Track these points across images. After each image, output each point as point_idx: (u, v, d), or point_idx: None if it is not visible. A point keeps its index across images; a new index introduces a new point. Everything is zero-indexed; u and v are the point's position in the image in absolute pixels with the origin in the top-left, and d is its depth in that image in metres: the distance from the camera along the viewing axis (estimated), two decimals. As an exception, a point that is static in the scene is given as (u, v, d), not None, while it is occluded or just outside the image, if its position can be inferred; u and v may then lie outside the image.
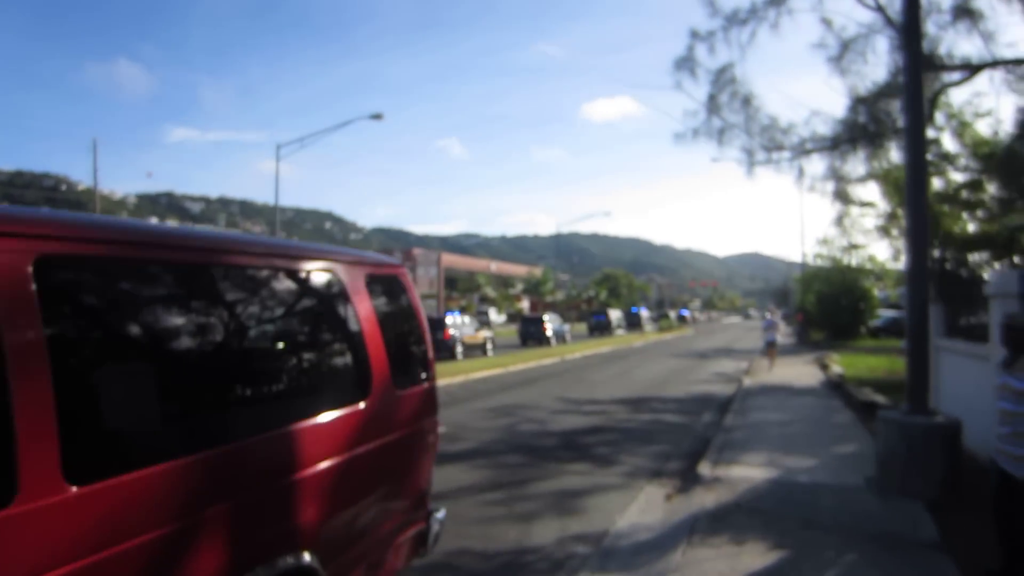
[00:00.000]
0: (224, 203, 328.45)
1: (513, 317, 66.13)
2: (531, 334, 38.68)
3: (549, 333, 38.33)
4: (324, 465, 3.27)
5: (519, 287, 74.96)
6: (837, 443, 9.82)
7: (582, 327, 60.30)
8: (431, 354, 4.64)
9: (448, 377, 19.63)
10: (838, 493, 7.18)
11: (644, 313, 66.42)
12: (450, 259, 57.78)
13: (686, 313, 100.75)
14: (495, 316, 63.84)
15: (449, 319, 29.44)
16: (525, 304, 77.16)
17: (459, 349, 28.61)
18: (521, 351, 32.37)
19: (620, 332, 56.61)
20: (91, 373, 2.34)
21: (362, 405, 3.63)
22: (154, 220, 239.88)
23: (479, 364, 23.52)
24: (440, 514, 4.58)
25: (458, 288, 64.65)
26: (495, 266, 68.26)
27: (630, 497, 7.49)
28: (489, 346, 31.64)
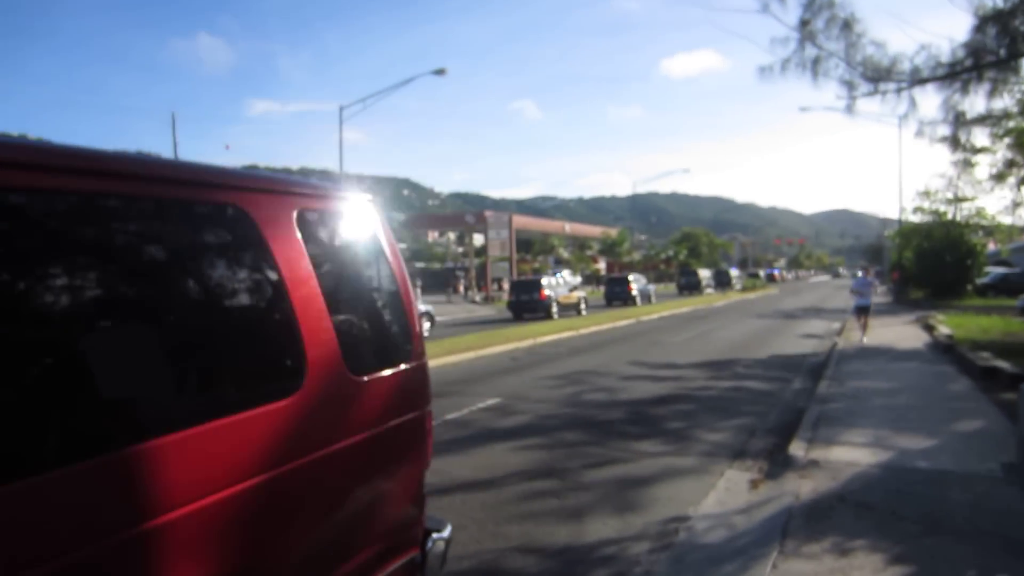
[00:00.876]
0: (305, 173, 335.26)
1: (589, 279, 64.72)
2: (616, 294, 39.05)
3: (634, 293, 38.50)
4: (217, 498, 2.16)
5: (595, 248, 73.30)
6: (958, 418, 8.30)
7: (664, 288, 58.48)
8: (416, 323, 3.45)
9: (515, 341, 18.68)
10: (969, 484, 5.79)
11: (735, 272, 66.14)
12: (523, 221, 56.57)
13: (776, 271, 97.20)
14: (570, 278, 62.60)
15: (544, 280, 30.58)
16: (601, 265, 75.50)
17: (555, 309, 29.13)
18: (597, 312, 31.19)
19: (709, 291, 55.50)
20: None
21: (287, 401, 2.48)
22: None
23: (546, 327, 22.45)
24: (444, 531, 3.48)
25: (532, 251, 63.60)
26: (570, 227, 66.60)
27: (707, 484, 6.32)
28: (583, 306, 31.79)
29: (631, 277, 40.59)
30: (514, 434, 8.23)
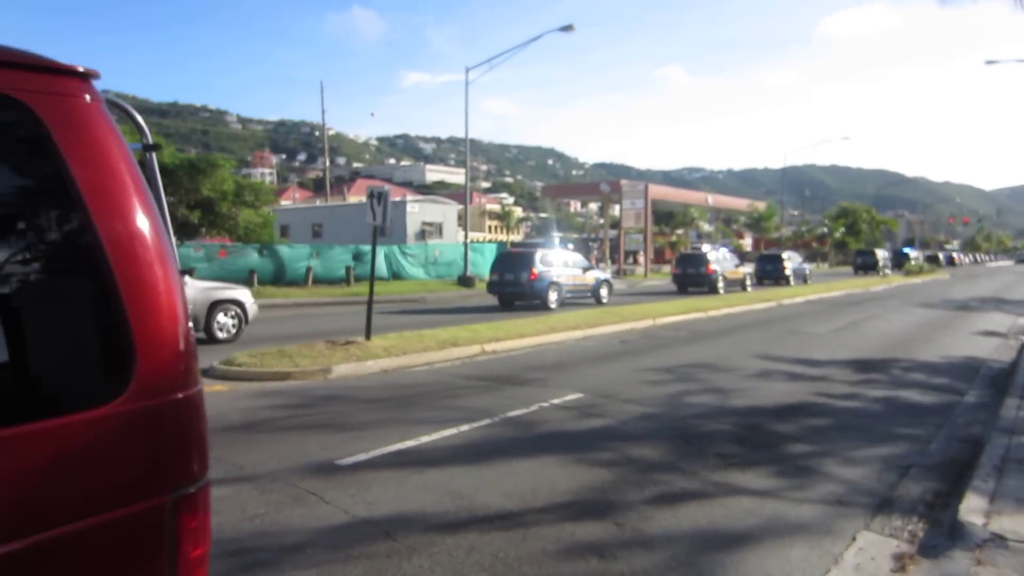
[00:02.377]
0: (453, 143, 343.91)
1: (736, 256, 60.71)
2: (768, 272, 36.58)
3: (788, 272, 35.91)
4: None
5: (741, 222, 68.75)
6: None
7: (816, 268, 53.76)
8: (170, 323, 1.82)
9: (631, 321, 16.78)
10: None
11: (913, 253, 62.18)
12: (661, 191, 53.51)
13: (955, 253, 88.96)
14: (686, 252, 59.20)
15: (711, 255, 29.73)
16: (747, 240, 70.84)
17: (721, 284, 28.73)
18: (736, 292, 28.43)
19: (887, 272, 51.51)
20: None
21: None
22: (391, 161, 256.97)
23: (670, 307, 20.25)
24: None
25: (671, 223, 60.43)
26: (713, 199, 62.49)
27: (828, 554, 4.36)
28: (748, 282, 31.12)
29: (785, 255, 37.95)
30: (580, 443, 6.51)
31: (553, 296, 22.05)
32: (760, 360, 11.82)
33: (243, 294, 14.69)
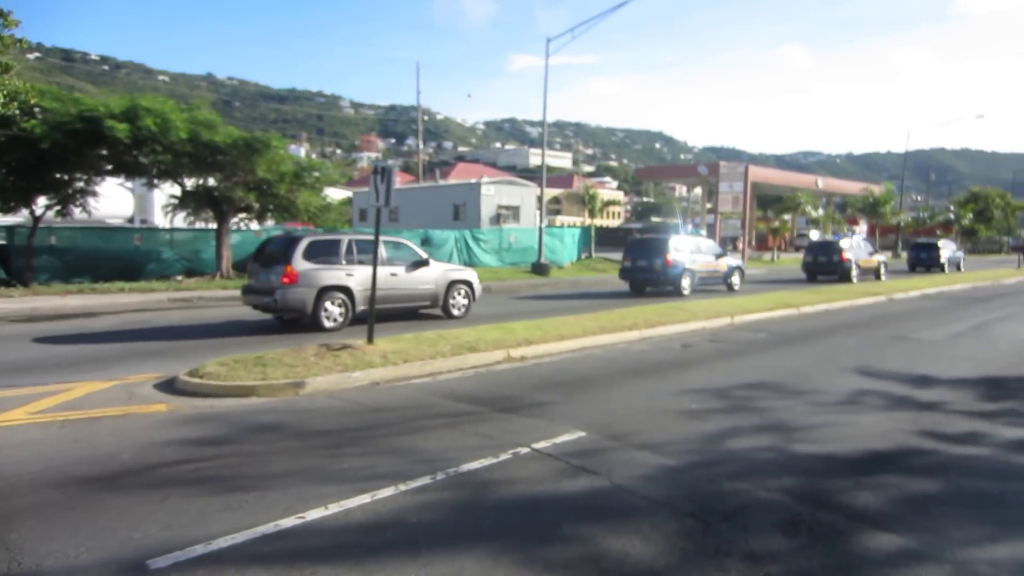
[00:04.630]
0: (560, 126, 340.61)
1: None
2: (922, 260, 36.49)
3: (943, 260, 35.91)
4: None
5: (857, 207, 62.99)
6: None
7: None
8: None
9: (702, 320, 14.32)
10: None
11: None
12: (763, 173, 49.28)
13: None
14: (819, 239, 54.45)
15: (844, 242, 29.00)
16: (861, 227, 65.14)
17: (855, 272, 28.02)
18: (869, 281, 25.04)
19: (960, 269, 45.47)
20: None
21: None
22: (497, 145, 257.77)
23: (755, 302, 17.39)
24: None
25: (775, 208, 55.83)
26: (823, 182, 57.31)
27: None
28: (883, 271, 30.17)
29: (940, 243, 37.91)
30: (539, 527, 4.35)
31: (686, 283, 21.80)
32: (849, 377, 9.22)
33: (472, 275, 16.33)
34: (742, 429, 6.62)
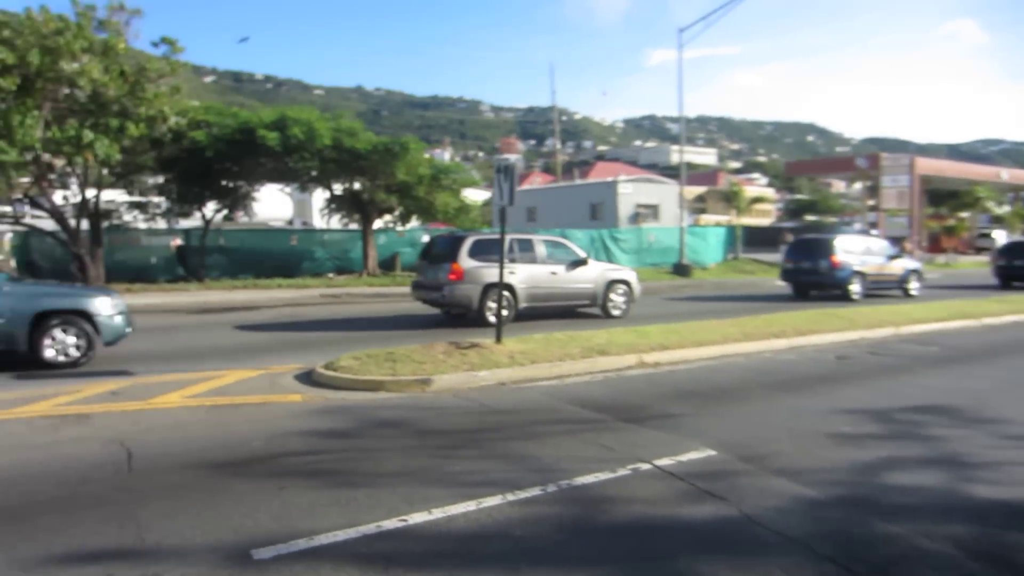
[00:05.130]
0: (702, 121, 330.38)
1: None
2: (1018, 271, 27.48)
3: None
4: None
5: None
6: None
7: None
8: None
9: (861, 329, 13.13)
10: None
11: None
12: (934, 165, 44.79)
13: None
14: (1006, 240, 49.00)
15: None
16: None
17: None
18: (1018, 295, 22.28)
19: None
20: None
21: None
22: (637, 143, 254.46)
23: (926, 311, 15.69)
24: None
25: (949, 204, 50.76)
26: (1008, 174, 51.33)
27: None
28: None
29: None
30: (651, 557, 3.93)
31: (856, 286, 20.36)
32: (1040, 403, 7.96)
33: (631, 275, 16.28)
34: (904, 460, 5.80)
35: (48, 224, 21.32)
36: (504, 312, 13.94)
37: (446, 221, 27.75)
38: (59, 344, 9.99)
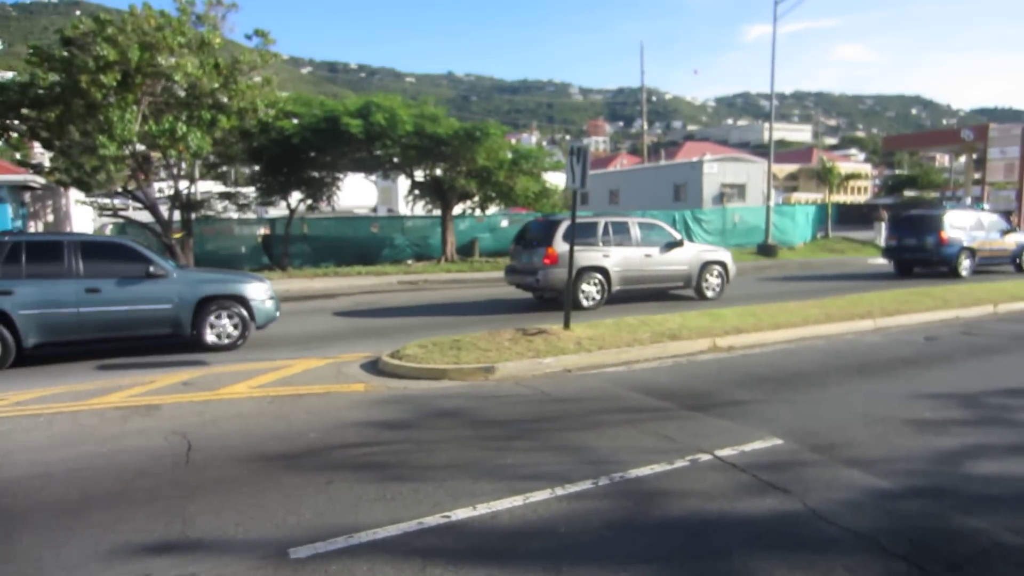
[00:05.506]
0: (799, 97, 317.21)
1: None
2: None
3: None
4: None
5: None
6: None
7: None
8: None
9: (955, 308, 12.30)
10: None
11: None
12: (1050, 133, 41.54)
13: None
14: None
15: None
16: None
17: None
18: None
19: None
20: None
21: None
22: (728, 122, 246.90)
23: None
24: None
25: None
26: None
27: None
28: None
29: None
30: (704, 555, 3.73)
31: (965, 263, 19.75)
32: None
33: (727, 256, 16.21)
34: (990, 448, 5.33)
35: (144, 216, 22.37)
36: (597, 294, 14.39)
37: (527, 206, 27.63)
38: (219, 328, 10.69)
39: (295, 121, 22.40)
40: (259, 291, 11.04)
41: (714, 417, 6.26)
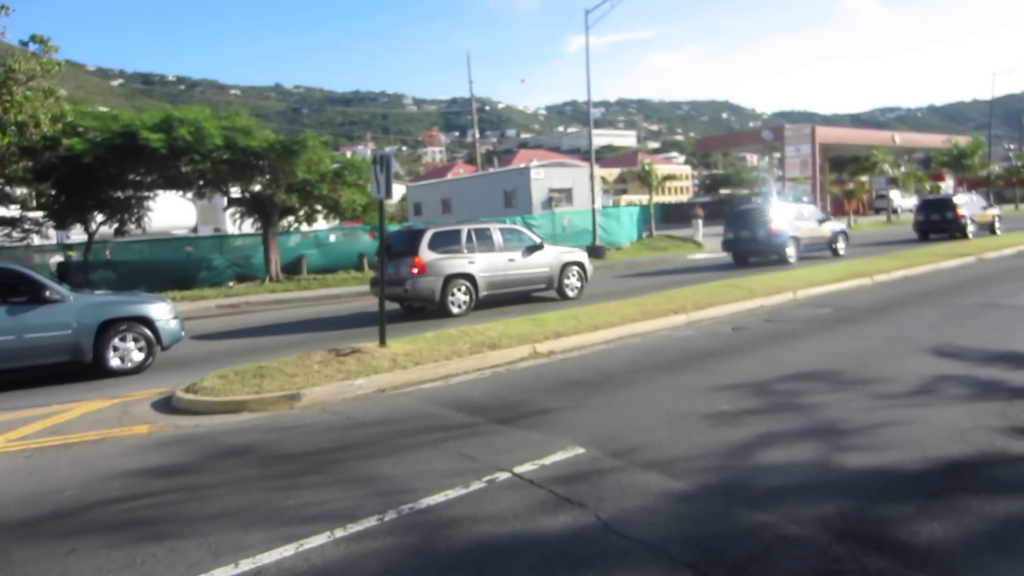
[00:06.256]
0: (622, 104, 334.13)
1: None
2: (932, 225, 27.89)
3: (966, 222, 27.30)
4: None
5: (940, 160, 58.61)
6: None
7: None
8: None
9: (760, 297, 13.03)
10: None
11: None
12: (834, 133, 46.20)
13: None
14: (900, 200, 50.99)
15: (959, 197, 28.28)
16: (948, 184, 60.87)
17: (971, 229, 27.14)
18: (916, 247, 22.96)
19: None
20: None
21: None
22: (560, 129, 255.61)
23: (825, 272, 15.78)
24: None
25: (849, 169, 52.48)
26: (900, 137, 53.42)
27: None
28: (998, 224, 29.35)
29: (960, 200, 28.41)
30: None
31: (791, 250, 21.43)
32: (922, 360, 7.86)
33: (583, 256, 16.71)
34: (779, 436, 5.47)
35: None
36: (465, 301, 14.49)
37: (356, 219, 26.75)
38: (122, 352, 10.27)
39: (90, 137, 20.27)
40: (163, 311, 10.75)
41: (520, 430, 6.03)
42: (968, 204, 28.08)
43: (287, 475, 5.33)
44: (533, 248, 15.58)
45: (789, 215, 21.98)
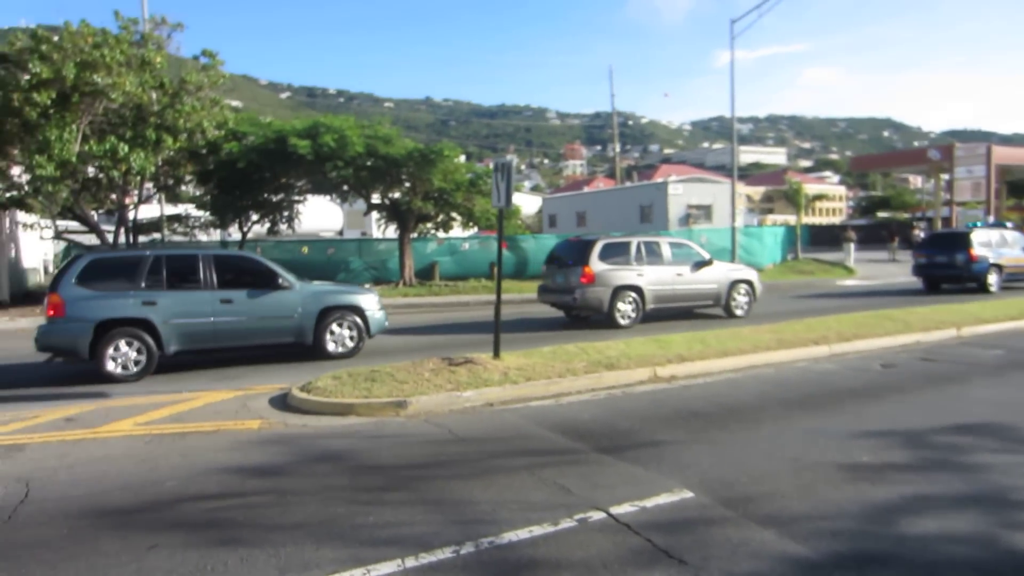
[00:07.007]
0: (772, 120, 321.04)
1: None
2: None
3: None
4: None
5: None
6: None
7: None
8: None
9: (918, 331, 11.71)
10: None
11: None
12: (1015, 154, 41.34)
13: None
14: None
15: (978, 234, 20.92)
16: None
17: (993, 279, 20.93)
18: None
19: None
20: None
21: None
22: (705, 145, 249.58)
23: (998, 308, 13.98)
24: None
25: (1033, 194, 47.12)
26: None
27: None
28: None
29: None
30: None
31: (993, 279, 20.44)
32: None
33: (753, 274, 16.39)
34: (931, 500, 4.63)
35: (92, 239, 21.47)
36: (632, 313, 14.60)
37: (490, 228, 26.96)
38: (337, 336, 11.23)
39: (246, 141, 21.67)
40: (372, 302, 11.66)
41: (626, 462, 5.51)
42: (996, 243, 21.12)
43: (373, 488, 5.12)
44: (702, 263, 15.37)
45: (991, 241, 20.80)
